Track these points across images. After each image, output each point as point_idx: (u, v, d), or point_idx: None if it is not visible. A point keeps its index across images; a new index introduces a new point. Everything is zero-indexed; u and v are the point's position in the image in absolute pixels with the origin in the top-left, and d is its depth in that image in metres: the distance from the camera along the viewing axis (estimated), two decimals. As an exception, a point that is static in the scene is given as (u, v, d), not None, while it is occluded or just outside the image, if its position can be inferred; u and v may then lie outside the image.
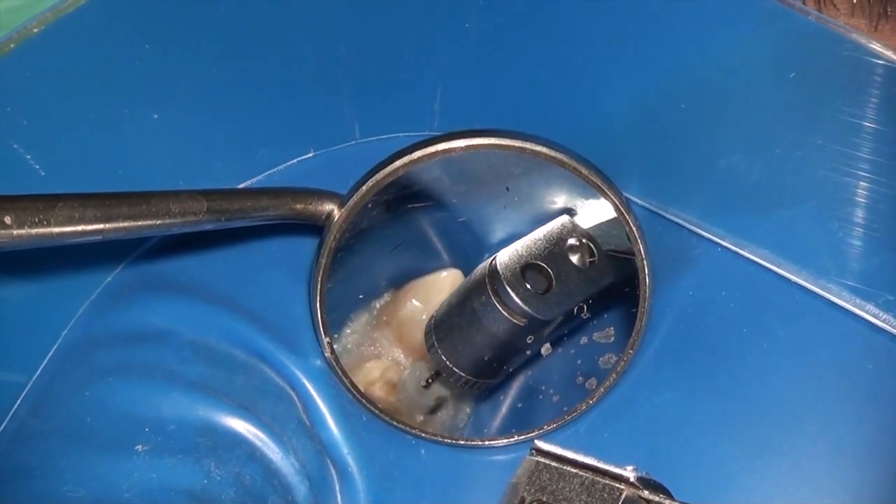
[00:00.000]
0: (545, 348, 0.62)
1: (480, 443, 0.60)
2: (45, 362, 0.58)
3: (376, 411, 0.59)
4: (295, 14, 0.58)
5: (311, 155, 0.65)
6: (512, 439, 0.60)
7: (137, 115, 0.58)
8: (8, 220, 0.37)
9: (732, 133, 0.56)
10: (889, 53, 0.48)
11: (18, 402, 0.56)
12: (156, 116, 0.58)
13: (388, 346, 0.64)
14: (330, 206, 0.55)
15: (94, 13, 0.53)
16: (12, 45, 0.51)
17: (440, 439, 0.60)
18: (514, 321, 0.57)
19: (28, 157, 0.54)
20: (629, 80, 0.58)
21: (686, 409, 0.58)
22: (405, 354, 0.64)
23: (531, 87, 0.61)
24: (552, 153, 0.54)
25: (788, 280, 0.57)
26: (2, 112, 0.52)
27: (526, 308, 0.56)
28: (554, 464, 0.45)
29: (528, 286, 0.57)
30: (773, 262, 0.57)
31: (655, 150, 0.60)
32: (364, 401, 0.59)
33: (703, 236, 0.59)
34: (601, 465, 0.44)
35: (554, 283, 0.58)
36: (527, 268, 0.58)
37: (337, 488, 0.58)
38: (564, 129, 0.61)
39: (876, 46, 0.48)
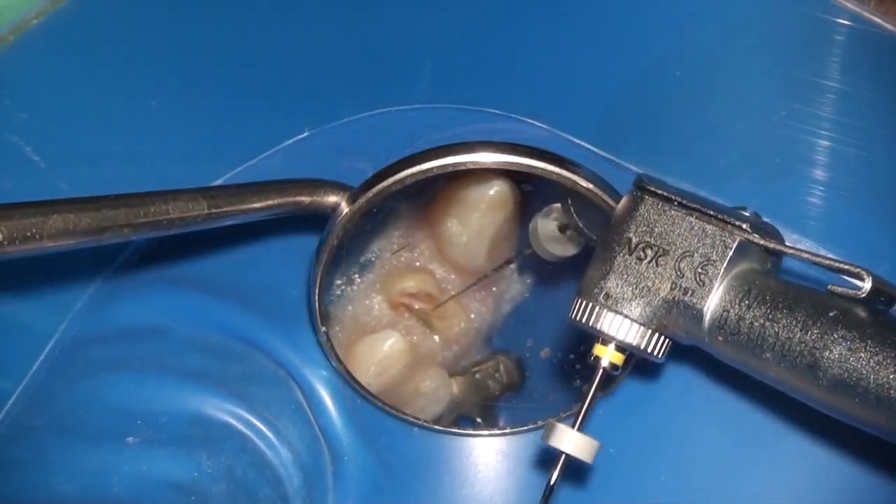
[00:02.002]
0: (544, 352, 0.62)
1: (474, 432, 0.60)
2: (40, 359, 0.58)
3: (370, 397, 0.59)
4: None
5: (305, 134, 0.65)
6: (505, 430, 0.60)
7: (135, 102, 0.58)
8: (-1, 236, 0.36)
9: (729, 101, 0.56)
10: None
11: (13, 398, 0.57)
12: (154, 103, 0.58)
13: (428, 257, 0.63)
14: (335, 199, 0.53)
15: (92, 2, 0.53)
16: (11, 38, 0.51)
17: (432, 426, 0.60)
18: None
19: (28, 149, 0.54)
20: (623, 47, 0.58)
21: (682, 389, 0.58)
22: (446, 268, 0.63)
23: (524, 57, 0.61)
24: (566, 175, 0.51)
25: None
26: (1, 105, 0.52)
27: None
28: (660, 203, 0.44)
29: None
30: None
31: (651, 117, 0.60)
32: (359, 388, 0.59)
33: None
34: (711, 209, 0.42)
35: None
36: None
37: (329, 479, 0.58)
38: (558, 96, 0.61)
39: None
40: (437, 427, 0.60)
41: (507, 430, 0.60)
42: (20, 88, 0.53)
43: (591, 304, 0.44)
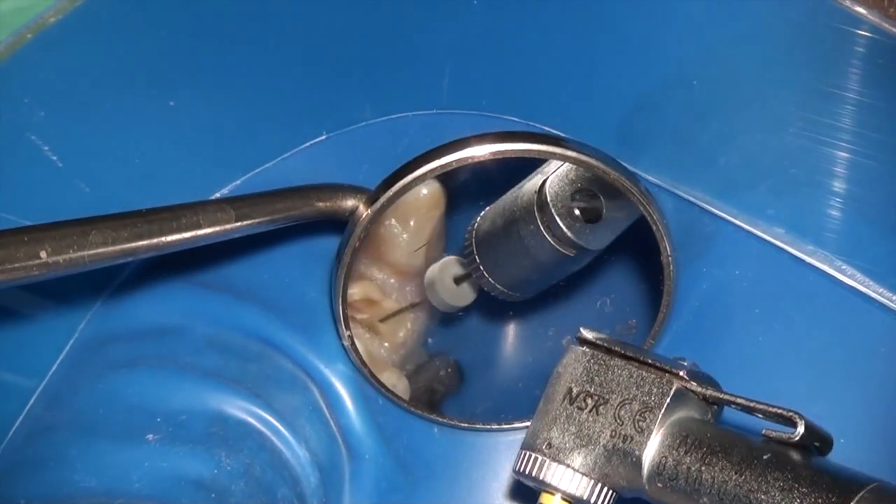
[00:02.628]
0: (566, 340, 0.62)
1: (497, 426, 0.61)
2: (60, 358, 0.59)
3: (396, 399, 0.60)
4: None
5: (323, 137, 0.65)
6: (527, 423, 0.60)
7: (153, 103, 0.58)
8: (44, 254, 0.36)
9: (745, 111, 0.56)
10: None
11: (34, 397, 0.57)
12: (172, 103, 0.58)
13: (367, 264, 0.63)
14: (353, 202, 0.54)
15: (110, 0, 0.53)
16: (29, 36, 0.50)
17: (456, 423, 0.60)
18: (563, 251, 0.55)
19: (46, 148, 0.54)
20: (640, 56, 0.58)
21: None
22: (385, 273, 0.63)
23: (541, 63, 0.61)
24: (583, 157, 0.52)
25: (802, 261, 0.57)
26: (19, 104, 0.52)
27: (576, 240, 0.55)
28: (600, 354, 0.45)
29: (578, 213, 0.55)
30: (786, 241, 0.57)
31: (667, 126, 0.60)
32: (384, 390, 0.59)
33: (715, 214, 0.59)
34: (649, 358, 0.44)
35: (604, 210, 0.56)
36: (576, 192, 0.55)
37: (346, 479, 0.59)
38: (575, 104, 0.61)
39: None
40: (462, 424, 0.60)
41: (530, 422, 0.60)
42: (38, 88, 0.53)
43: (535, 456, 0.45)
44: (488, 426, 0.61)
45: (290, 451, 0.57)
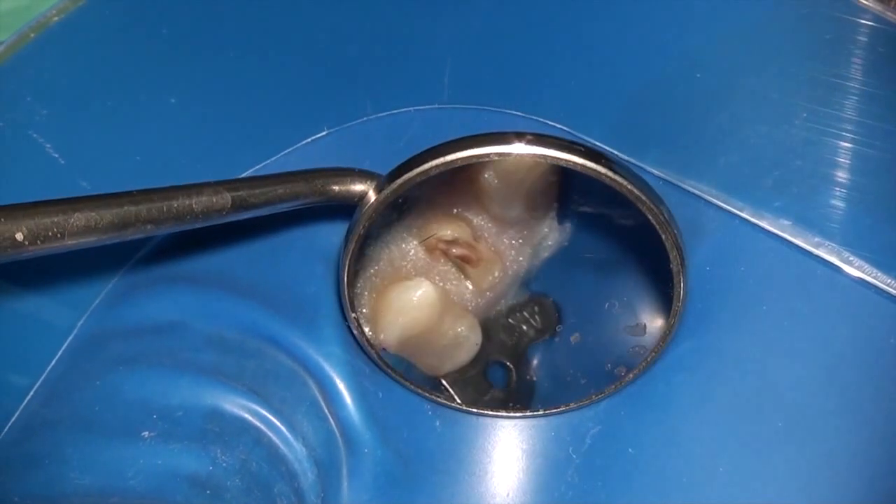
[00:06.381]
0: (574, 337, 0.62)
1: (505, 413, 0.60)
2: (58, 354, 0.58)
3: (400, 378, 0.59)
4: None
5: (324, 133, 0.65)
6: (539, 412, 0.60)
7: (155, 100, 0.58)
8: (20, 236, 0.36)
9: (749, 103, 0.56)
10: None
11: (31, 393, 0.57)
12: (173, 101, 0.58)
13: (463, 208, 0.61)
14: (363, 187, 0.53)
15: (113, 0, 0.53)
16: (32, 35, 0.51)
17: (459, 406, 0.60)
18: None
19: (48, 146, 0.54)
20: (643, 49, 0.58)
21: (703, 388, 0.57)
22: (482, 218, 0.61)
23: (543, 57, 0.61)
24: (593, 167, 0.49)
25: (809, 253, 0.57)
26: (22, 102, 0.52)
27: None
28: None
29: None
30: (793, 234, 0.57)
31: (670, 119, 0.60)
32: (392, 372, 0.59)
33: (720, 207, 0.59)
34: None
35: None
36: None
37: (345, 474, 0.58)
38: (578, 98, 0.61)
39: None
40: (465, 408, 0.60)
41: (539, 412, 0.60)
42: (41, 86, 0.53)
43: None
44: (496, 412, 0.60)
45: (287, 446, 0.57)
